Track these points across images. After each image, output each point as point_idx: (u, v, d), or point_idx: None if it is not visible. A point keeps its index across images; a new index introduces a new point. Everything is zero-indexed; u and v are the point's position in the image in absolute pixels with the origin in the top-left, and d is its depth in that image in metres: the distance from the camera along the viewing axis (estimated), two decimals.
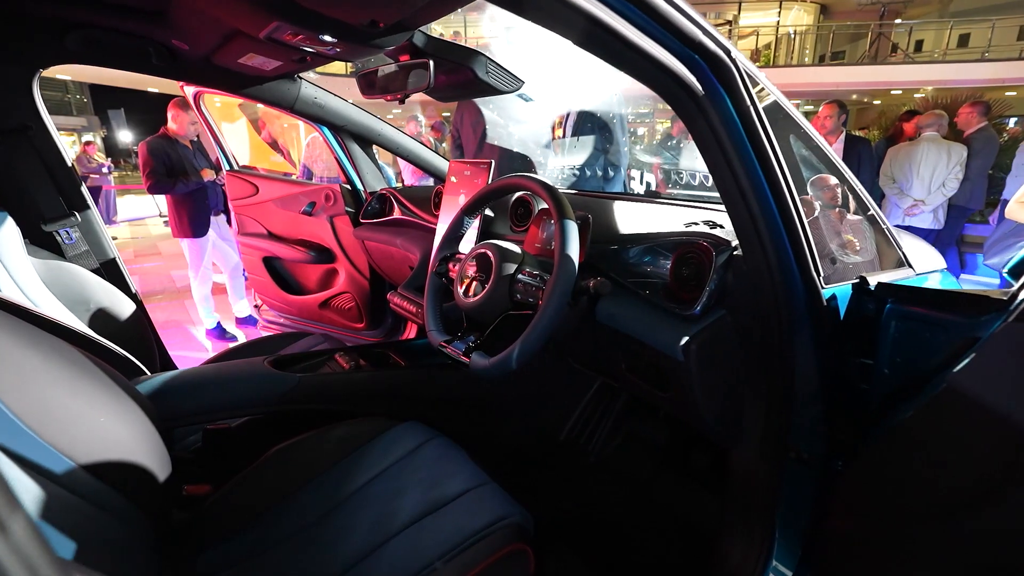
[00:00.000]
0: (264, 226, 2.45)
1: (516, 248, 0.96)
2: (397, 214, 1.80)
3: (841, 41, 16.68)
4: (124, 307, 1.42)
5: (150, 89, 14.97)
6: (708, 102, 0.68)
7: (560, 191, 0.90)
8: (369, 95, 1.21)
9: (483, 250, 0.97)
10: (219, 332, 3.64)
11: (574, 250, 0.84)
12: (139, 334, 1.44)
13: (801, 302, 0.80)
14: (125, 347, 1.35)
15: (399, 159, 4.14)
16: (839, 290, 0.87)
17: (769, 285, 0.78)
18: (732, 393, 0.93)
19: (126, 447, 0.74)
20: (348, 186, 2.10)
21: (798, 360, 0.85)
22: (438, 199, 1.56)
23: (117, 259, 1.51)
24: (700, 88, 0.67)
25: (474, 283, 0.96)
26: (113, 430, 0.74)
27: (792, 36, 15.73)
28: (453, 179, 1.40)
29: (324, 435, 1.07)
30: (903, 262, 1.08)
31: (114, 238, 5.96)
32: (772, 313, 0.80)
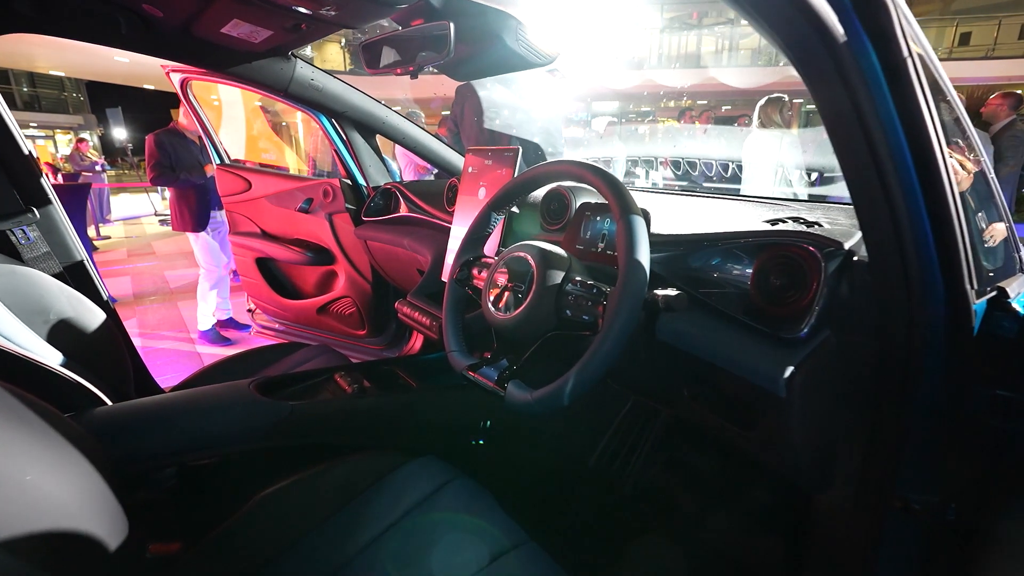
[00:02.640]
0: (257, 224, 2.27)
1: (561, 251, 0.78)
2: (404, 211, 1.61)
3: None
4: (92, 318, 1.23)
5: (146, 86, 14.77)
6: (848, 52, 0.49)
7: (620, 181, 0.72)
8: (374, 70, 1.02)
9: (519, 254, 0.78)
10: (212, 335, 3.48)
11: (644, 254, 0.66)
12: (110, 350, 1.25)
13: (940, 321, 0.61)
14: (93, 366, 1.16)
15: (398, 153, 3.95)
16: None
17: (904, 300, 0.59)
18: (828, 429, 0.75)
19: (61, 510, 0.56)
20: (348, 181, 1.91)
21: (921, 390, 0.67)
22: (452, 194, 1.38)
23: (86, 262, 1.32)
24: (841, 32, 0.48)
25: (507, 294, 0.77)
26: (44, 489, 0.56)
27: None
28: (471, 170, 1.22)
29: (322, 476, 0.89)
30: (1021, 267, 0.90)
31: (107, 237, 5.76)
32: (902, 335, 0.62)
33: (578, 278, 0.73)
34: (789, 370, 0.65)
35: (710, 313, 0.77)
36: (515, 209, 1.19)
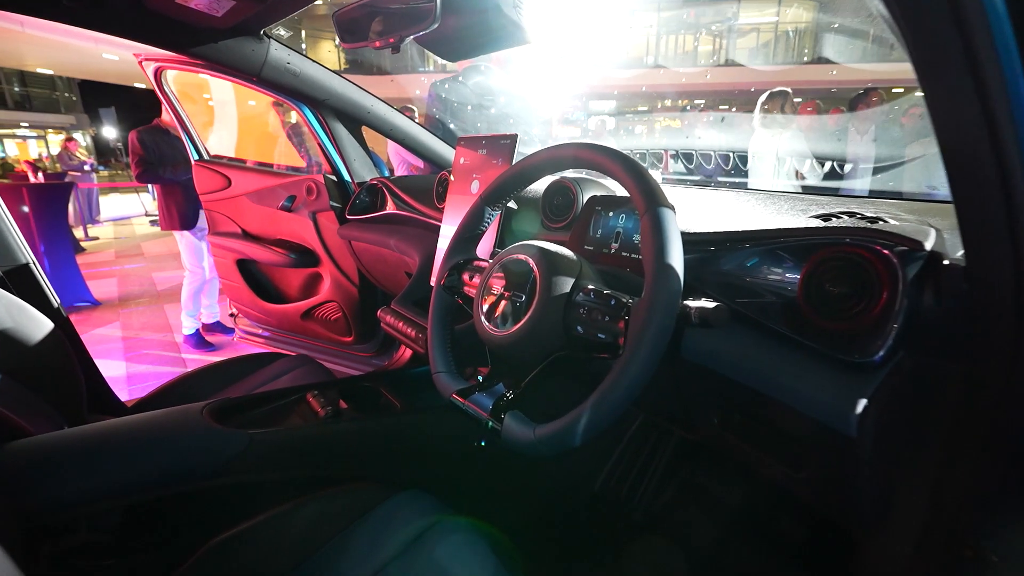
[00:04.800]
0: (238, 224, 2.13)
1: (569, 253, 0.64)
2: (391, 208, 1.47)
3: (840, 39, 16.41)
4: (36, 330, 1.09)
5: (137, 85, 14.58)
6: None
7: (644, 167, 0.58)
8: (351, 42, 0.88)
9: (518, 255, 0.65)
10: (196, 340, 3.35)
11: (677, 256, 0.52)
12: (57, 366, 1.11)
13: None
14: (36, 385, 1.03)
15: (391, 151, 3.82)
16: None
17: (1013, 315, 0.46)
18: (897, 468, 0.62)
19: None
20: (334, 177, 1.77)
21: (1017, 422, 0.54)
22: (442, 189, 1.24)
23: (32, 265, 1.17)
24: None
25: (503, 304, 0.64)
26: None
27: (791, 35, 15.50)
28: (463, 161, 1.08)
29: (287, 517, 0.75)
30: None
31: (95, 238, 5.61)
32: (1005, 357, 0.49)
33: (591, 286, 0.60)
34: (862, 404, 0.52)
35: (750, 328, 0.64)
36: (512, 205, 1.05)
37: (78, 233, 6.99)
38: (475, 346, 0.75)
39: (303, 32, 13.65)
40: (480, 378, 0.68)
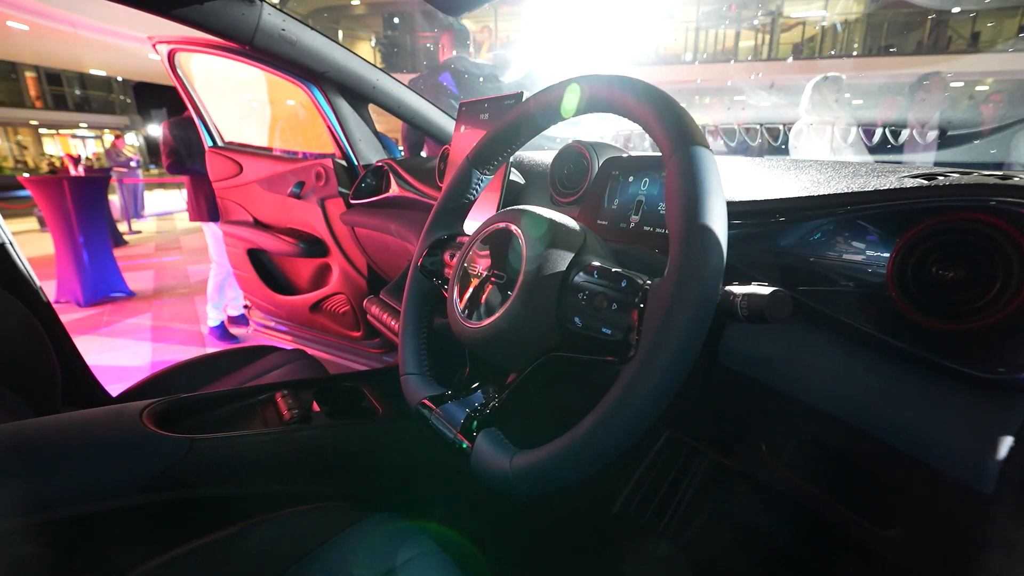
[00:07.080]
0: (249, 212, 2.06)
1: (569, 221, 0.49)
2: (395, 191, 1.35)
3: (893, 32, 15.55)
4: (9, 313, 1.01)
5: None
6: None
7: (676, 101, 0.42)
8: None
9: (502, 224, 0.50)
10: (221, 332, 3.37)
11: (719, 215, 0.36)
12: (29, 352, 1.02)
13: None
14: (8, 374, 0.95)
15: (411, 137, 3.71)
16: None
17: None
18: None
19: None
20: (343, 161, 1.66)
21: None
22: (444, 164, 1.10)
23: (8, 245, 1.10)
24: None
25: (489, 288, 0.49)
26: None
27: (839, 29, 14.84)
28: (463, 130, 0.94)
29: (231, 543, 0.62)
30: None
31: (138, 232, 5.77)
32: None
33: (596, 263, 0.44)
34: (1006, 444, 0.34)
35: (817, 326, 0.47)
36: (518, 178, 0.90)
37: (122, 227, 7.24)
38: (457, 346, 0.60)
39: (340, 32, 13.88)
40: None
